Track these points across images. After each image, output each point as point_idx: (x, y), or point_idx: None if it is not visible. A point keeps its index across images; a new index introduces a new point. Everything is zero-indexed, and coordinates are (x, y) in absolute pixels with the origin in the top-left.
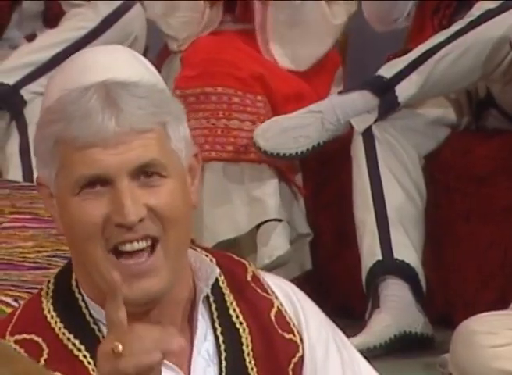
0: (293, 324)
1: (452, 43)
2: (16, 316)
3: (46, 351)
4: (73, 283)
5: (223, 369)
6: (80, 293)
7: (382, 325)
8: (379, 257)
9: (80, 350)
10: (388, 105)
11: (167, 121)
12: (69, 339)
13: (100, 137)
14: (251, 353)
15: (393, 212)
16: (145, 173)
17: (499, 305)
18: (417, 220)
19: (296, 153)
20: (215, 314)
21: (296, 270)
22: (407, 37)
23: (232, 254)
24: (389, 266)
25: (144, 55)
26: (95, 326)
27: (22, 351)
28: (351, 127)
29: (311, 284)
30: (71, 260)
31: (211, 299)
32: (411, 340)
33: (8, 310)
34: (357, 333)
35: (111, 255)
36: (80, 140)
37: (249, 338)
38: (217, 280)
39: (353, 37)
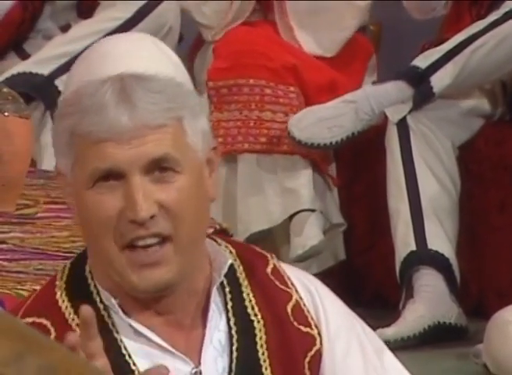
0: (312, 318)
1: (488, 33)
2: (30, 300)
3: (53, 334)
4: (87, 269)
5: (234, 360)
6: (92, 280)
7: (415, 315)
8: (413, 247)
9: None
10: (423, 95)
11: (183, 116)
12: (77, 324)
13: (113, 132)
14: (264, 345)
15: (427, 202)
16: (159, 168)
17: None
18: (451, 211)
19: (331, 143)
20: (230, 304)
21: (330, 260)
22: (443, 26)
23: (264, 245)
24: (423, 256)
25: (178, 45)
26: (105, 313)
27: None
28: (385, 117)
29: (345, 274)
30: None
31: (227, 290)
32: (445, 330)
33: None
34: (390, 323)
35: (124, 250)
36: (94, 134)
37: (263, 330)
38: (235, 270)
39: (387, 26)
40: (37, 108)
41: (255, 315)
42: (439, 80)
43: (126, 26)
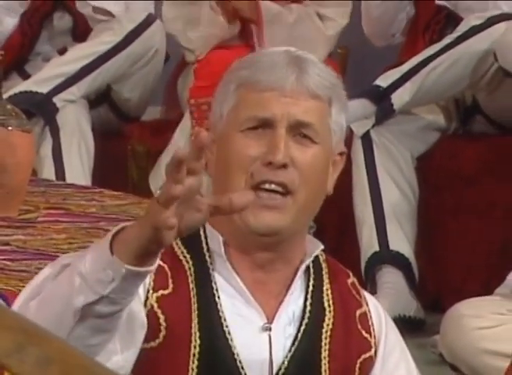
0: (373, 329)
1: (441, 56)
2: None
3: (169, 274)
4: None
5: (301, 331)
6: (203, 226)
7: None
8: (377, 248)
9: (188, 263)
10: (384, 111)
11: (334, 101)
12: (182, 252)
13: (279, 84)
14: (329, 332)
15: (389, 207)
16: (302, 133)
17: (483, 291)
18: (410, 215)
19: None
20: (311, 288)
21: None
22: (402, 51)
23: None
24: (385, 256)
25: (164, 65)
26: (208, 254)
27: None
28: (351, 132)
29: None
30: None
31: (312, 277)
32: (405, 322)
33: None
34: None
35: (250, 189)
36: (262, 84)
37: (331, 320)
38: (321, 267)
39: (353, 51)
40: (37, 124)
41: (329, 306)
42: (399, 98)
43: (117, 49)
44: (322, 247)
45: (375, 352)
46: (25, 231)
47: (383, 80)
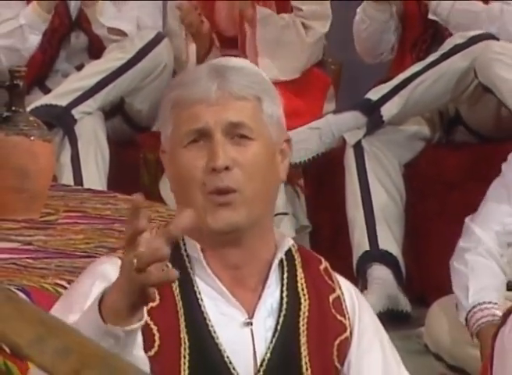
0: (347, 312)
1: (427, 72)
2: None
3: None
4: None
5: (280, 322)
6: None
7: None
8: (367, 247)
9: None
10: (374, 122)
11: (262, 97)
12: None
13: (204, 96)
14: (306, 319)
15: (379, 210)
16: (237, 134)
17: None
18: (398, 218)
19: (300, 162)
20: (285, 281)
21: None
22: (391, 67)
23: None
24: (375, 255)
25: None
26: (187, 260)
27: None
28: (344, 141)
29: None
30: None
31: (286, 269)
32: (393, 315)
33: (62, 291)
34: None
35: (206, 196)
36: (189, 99)
37: (307, 307)
38: (293, 258)
39: (346, 66)
40: (57, 134)
41: (303, 294)
42: (388, 110)
43: (129, 65)
44: (292, 241)
45: (351, 333)
46: (46, 232)
47: (373, 94)
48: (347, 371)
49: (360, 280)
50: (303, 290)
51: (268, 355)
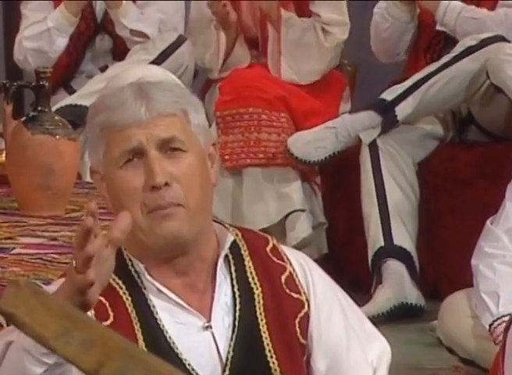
0: (301, 286)
1: (440, 73)
2: None
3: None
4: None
5: (237, 318)
6: (125, 250)
7: (383, 297)
8: (382, 243)
9: (125, 294)
10: (389, 122)
11: (188, 110)
12: (118, 284)
13: (134, 119)
14: (262, 307)
15: (393, 207)
16: (170, 148)
17: None
18: (412, 214)
19: (317, 160)
20: (234, 275)
21: (315, 253)
22: (405, 68)
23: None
24: (390, 250)
25: (193, 81)
26: (136, 275)
27: None
28: (360, 140)
29: (327, 265)
30: None
31: (232, 263)
32: (407, 309)
33: None
34: (364, 304)
35: (148, 214)
36: (119, 124)
37: (261, 295)
38: (239, 247)
39: (362, 67)
40: (81, 133)
41: (255, 283)
42: (402, 110)
43: None
44: (232, 237)
45: (309, 306)
46: (71, 228)
47: (388, 95)
48: (311, 343)
49: (375, 275)
50: (253, 279)
51: (231, 352)
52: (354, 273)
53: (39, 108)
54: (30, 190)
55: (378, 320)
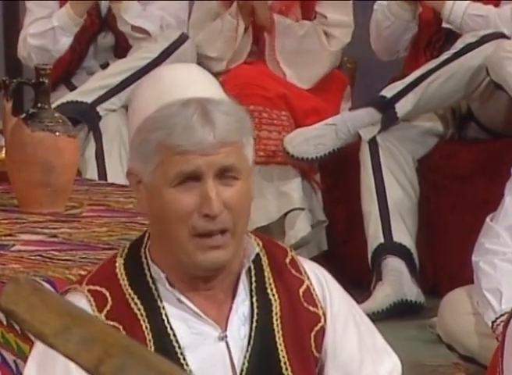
0: (318, 300)
1: (440, 70)
2: (93, 272)
3: (110, 303)
4: (142, 250)
5: (253, 329)
6: (145, 258)
7: (383, 294)
8: (382, 240)
9: (136, 305)
10: (389, 119)
11: (244, 134)
12: (130, 294)
13: (200, 147)
14: (279, 319)
15: (393, 204)
16: (226, 176)
17: None
18: (411, 211)
19: (316, 157)
20: (254, 285)
21: (315, 250)
22: (405, 65)
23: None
24: (390, 247)
25: None
26: (153, 285)
27: (91, 299)
28: (359, 137)
29: (327, 262)
30: (145, 233)
31: (253, 273)
32: (407, 306)
33: None
34: (363, 301)
35: (194, 237)
36: (182, 148)
37: (278, 307)
38: (260, 259)
39: (361, 64)
40: (82, 130)
41: (273, 295)
42: (402, 107)
43: (153, 64)
44: (257, 249)
45: (325, 320)
46: (71, 225)
47: (388, 91)
48: (324, 356)
49: (374, 272)
50: (272, 290)
51: (246, 363)
52: (354, 270)
53: (39, 105)
54: (29, 187)
55: (377, 317)
